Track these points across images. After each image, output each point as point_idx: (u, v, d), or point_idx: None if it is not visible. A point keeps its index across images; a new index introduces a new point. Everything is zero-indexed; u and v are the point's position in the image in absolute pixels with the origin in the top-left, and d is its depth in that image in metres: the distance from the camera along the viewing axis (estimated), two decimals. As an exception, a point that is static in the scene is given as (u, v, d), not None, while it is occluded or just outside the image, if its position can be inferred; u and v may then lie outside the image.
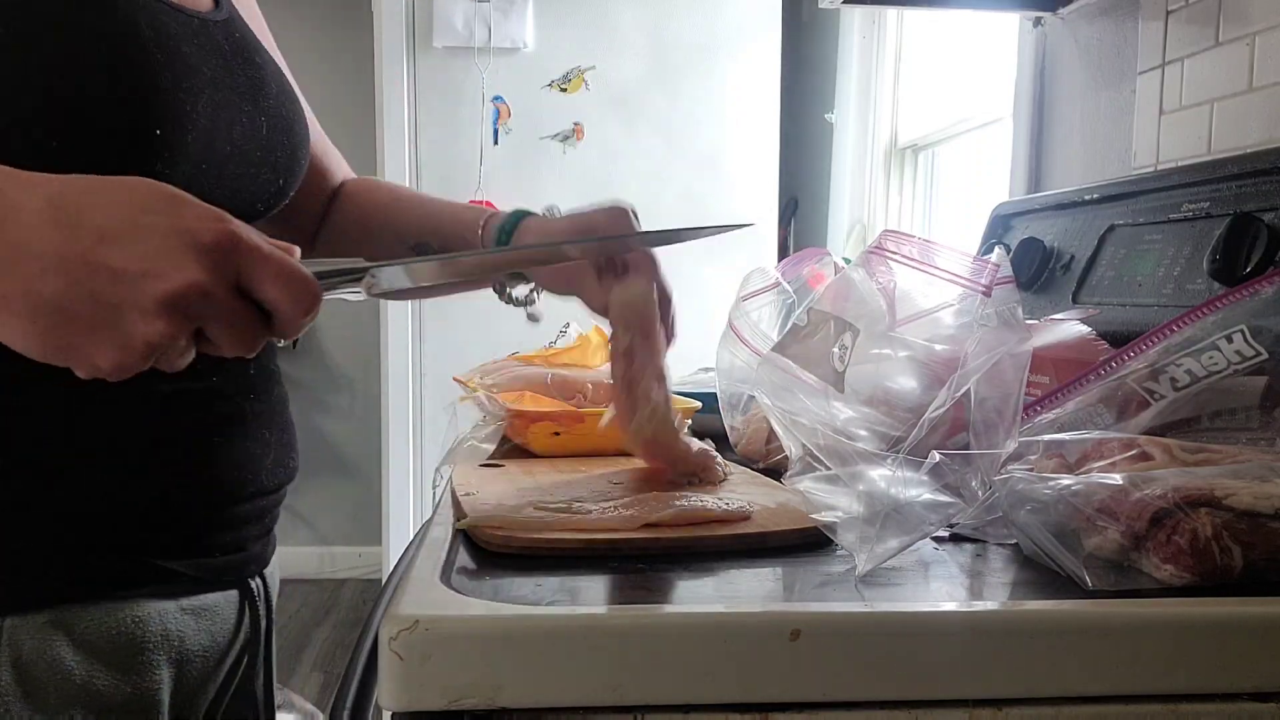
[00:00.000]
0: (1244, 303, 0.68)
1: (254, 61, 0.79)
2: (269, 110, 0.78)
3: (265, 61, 0.81)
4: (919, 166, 2.80)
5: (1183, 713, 0.53)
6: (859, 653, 0.52)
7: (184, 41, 0.70)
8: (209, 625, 0.77)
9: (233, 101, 0.74)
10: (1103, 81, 1.54)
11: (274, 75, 0.82)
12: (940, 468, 0.61)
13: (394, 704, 0.51)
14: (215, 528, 0.75)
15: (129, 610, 0.69)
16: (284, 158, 0.81)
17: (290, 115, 0.82)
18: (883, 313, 0.70)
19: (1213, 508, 0.57)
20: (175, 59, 0.67)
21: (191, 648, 0.75)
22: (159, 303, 0.48)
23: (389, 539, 2.89)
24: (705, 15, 2.85)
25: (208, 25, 0.75)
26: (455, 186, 2.79)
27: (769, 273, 1.10)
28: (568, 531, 0.66)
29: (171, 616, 0.72)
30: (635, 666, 0.51)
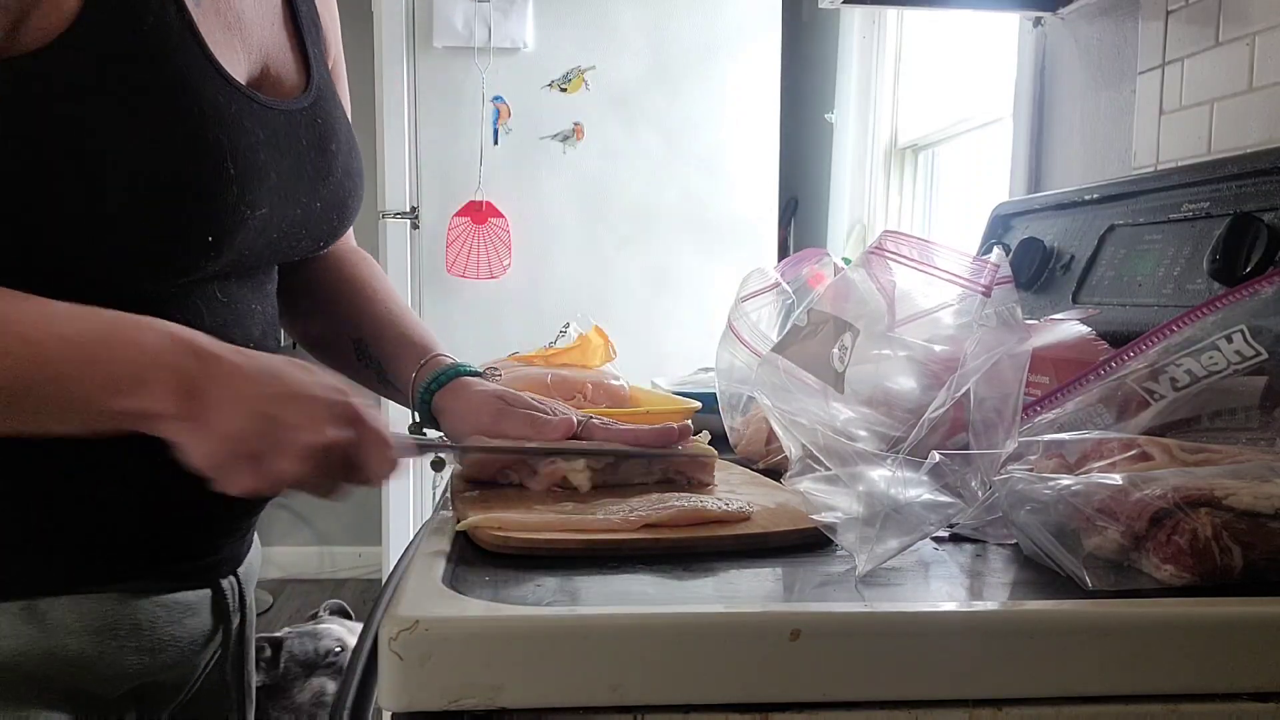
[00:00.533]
0: (1244, 303, 0.68)
1: (328, 150, 0.82)
2: (326, 196, 0.83)
3: (339, 146, 0.84)
4: (919, 166, 2.80)
5: (1183, 713, 0.53)
6: (859, 653, 0.52)
7: (262, 147, 0.74)
8: (181, 618, 0.79)
9: (295, 194, 0.79)
10: (1103, 81, 1.54)
11: (343, 157, 0.85)
12: (940, 468, 0.61)
13: (394, 704, 0.51)
14: (181, 534, 0.78)
15: (99, 603, 0.73)
16: (328, 230, 0.86)
17: (346, 193, 0.86)
18: (883, 313, 0.70)
19: (1213, 508, 0.57)
20: (249, 172, 0.72)
21: (163, 637, 0.77)
22: (304, 450, 0.63)
23: (389, 539, 2.89)
24: (705, 15, 2.84)
25: (293, 117, 0.79)
26: (455, 186, 2.79)
27: (768, 273, 1.10)
28: (568, 532, 0.66)
29: (143, 609, 0.76)
30: (635, 666, 0.51)
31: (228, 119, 0.71)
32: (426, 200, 2.81)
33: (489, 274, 2.79)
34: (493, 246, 2.80)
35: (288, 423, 0.62)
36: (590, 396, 1.14)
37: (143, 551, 0.76)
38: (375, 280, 0.99)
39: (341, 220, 0.87)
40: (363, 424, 0.66)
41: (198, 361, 0.63)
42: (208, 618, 0.82)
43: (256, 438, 0.62)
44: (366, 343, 0.93)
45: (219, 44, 0.73)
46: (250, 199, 0.72)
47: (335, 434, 0.64)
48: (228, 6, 0.76)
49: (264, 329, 0.84)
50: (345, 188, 0.85)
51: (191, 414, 0.62)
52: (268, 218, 0.75)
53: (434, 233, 2.79)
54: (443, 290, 2.80)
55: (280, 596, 4.09)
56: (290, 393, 0.63)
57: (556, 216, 2.83)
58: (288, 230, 0.79)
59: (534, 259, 2.82)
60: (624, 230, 2.85)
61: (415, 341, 0.91)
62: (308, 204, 0.81)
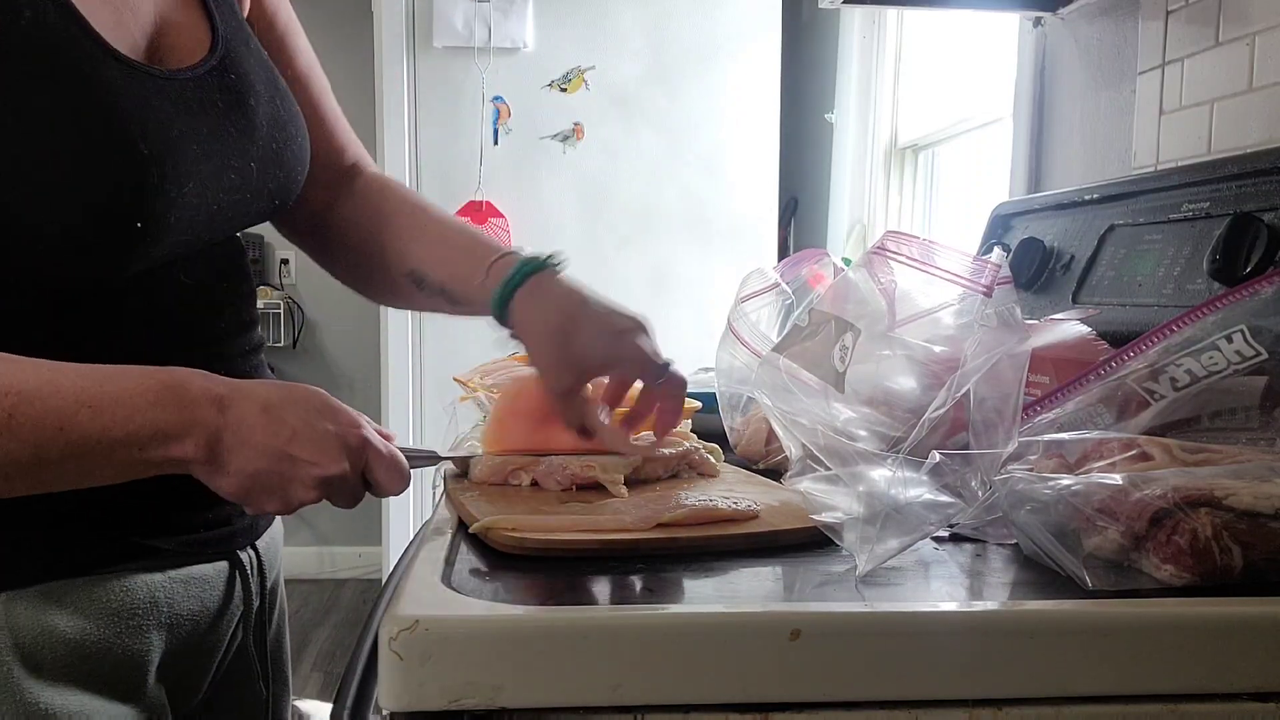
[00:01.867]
0: (1244, 303, 0.68)
1: (246, 106, 0.79)
2: (259, 152, 0.80)
3: (258, 98, 0.81)
4: (919, 166, 2.80)
5: (1183, 713, 0.53)
6: (859, 653, 0.52)
7: (175, 121, 0.73)
8: (199, 592, 0.81)
9: (222, 161, 0.77)
10: (1103, 81, 1.54)
11: (265, 107, 0.81)
12: (940, 468, 0.61)
13: (394, 704, 0.51)
14: (197, 507, 0.80)
15: (117, 582, 0.74)
16: (277, 185, 0.83)
17: (281, 144, 0.82)
18: (883, 313, 0.70)
19: (1213, 508, 0.57)
20: (164, 149, 0.71)
21: (181, 612, 0.79)
22: (316, 482, 0.70)
23: (389, 539, 2.89)
24: (705, 15, 2.84)
25: (201, 81, 0.76)
26: (455, 186, 2.79)
27: (768, 274, 1.10)
28: (582, 532, 0.66)
29: (160, 585, 0.77)
30: (635, 666, 0.51)
31: (130, 100, 0.70)
32: (426, 200, 2.80)
33: (489, 274, 2.78)
34: (493, 246, 2.80)
35: (301, 459, 0.69)
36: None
37: (157, 526, 0.77)
38: (416, 204, 0.95)
39: (287, 173, 0.84)
40: (372, 449, 0.71)
41: (220, 414, 0.68)
42: (225, 591, 0.84)
43: (274, 475, 0.69)
44: (423, 272, 0.89)
45: (106, 23, 0.71)
46: (173, 175, 0.71)
47: (345, 465, 0.70)
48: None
49: (236, 310, 0.84)
50: (277, 139, 0.82)
51: (215, 459, 0.68)
52: (200, 191, 0.74)
53: (434, 233, 2.79)
54: (443, 290, 2.80)
55: (280, 596, 4.09)
56: (302, 434, 0.69)
57: (556, 216, 2.83)
58: (230, 198, 0.78)
59: (534, 259, 2.82)
60: (624, 230, 2.85)
61: (473, 250, 0.87)
62: (241, 166, 0.78)
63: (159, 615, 0.77)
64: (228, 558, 0.84)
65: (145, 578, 0.76)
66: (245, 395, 0.69)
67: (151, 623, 0.76)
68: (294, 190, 0.86)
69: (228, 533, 0.83)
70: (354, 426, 0.71)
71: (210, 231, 0.78)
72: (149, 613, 0.76)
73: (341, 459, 0.70)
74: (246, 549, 0.87)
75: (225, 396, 0.69)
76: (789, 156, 3.04)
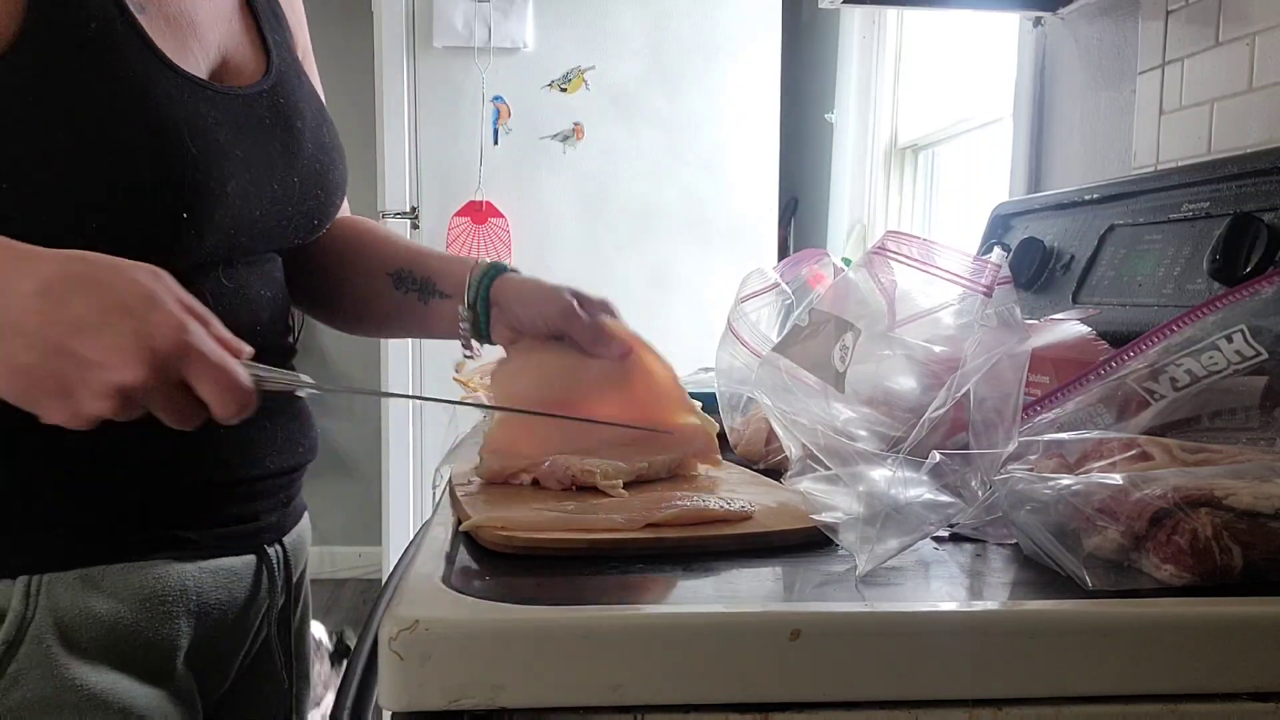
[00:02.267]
0: (1244, 303, 0.68)
1: (293, 128, 0.86)
2: (303, 170, 0.87)
3: (305, 123, 0.88)
4: (919, 166, 2.80)
5: (1183, 713, 0.53)
6: (859, 653, 0.52)
7: (222, 129, 0.78)
8: (227, 583, 0.84)
9: (266, 171, 0.83)
10: (1103, 81, 1.54)
11: (312, 132, 0.88)
12: (940, 468, 0.61)
13: (394, 704, 0.51)
14: (226, 502, 0.83)
15: (150, 569, 0.77)
16: (316, 205, 0.90)
17: (324, 167, 0.89)
18: (883, 313, 0.70)
19: (1213, 508, 0.57)
20: (210, 150, 0.76)
21: (209, 602, 0.82)
22: (106, 389, 0.58)
23: (389, 539, 2.89)
24: (705, 15, 2.85)
25: (250, 101, 0.83)
26: (455, 186, 2.79)
27: (768, 274, 1.10)
28: (571, 531, 0.66)
29: (190, 575, 0.80)
30: (635, 666, 0.51)
31: (181, 105, 0.75)
32: (426, 200, 2.81)
33: (489, 274, 2.79)
34: (493, 246, 2.80)
35: (87, 359, 0.58)
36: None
37: (189, 519, 0.80)
38: (390, 230, 1.05)
39: (327, 194, 0.90)
40: (194, 356, 0.60)
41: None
42: (252, 584, 0.87)
43: (50, 375, 0.58)
44: (407, 269, 0.96)
45: (171, 45, 0.78)
46: (217, 174, 0.76)
47: (146, 373, 0.59)
48: (178, 13, 0.81)
49: (272, 314, 0.88)
50: (320, 161, 0.89)
51: None
52: (241, 193, 0.79)
53: (434, 233, 2.79)
54: (443, 290, 2.80)
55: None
56: (90, 327, 0.58)
57: (556, 216, 2.83)
58: (270, 208, 0.83)
59: (534, 259, 2.82)
60: (624, 230, 2.85)
61: (462, 257, 0.96)
62: (284, 179, 0.84)
63: (189, 603, 0.80)
64: (256, 552, 0.87)
65: (177, 567, 0.79)
66: (18, 267, 0.59)
67: (181, 610, 0.79)
68: (331, 214, 0.92)
69: (255, 528, 0.86)
70: (169, 326, 0.60)
71: (251, 239, 0.83)
72: (179, 600, 0.79)
73: (139, 363, 0.58)
74: (274, 545, 0.89)
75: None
76: (789, 156, 3.04)
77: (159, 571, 0.78)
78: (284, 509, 0.91)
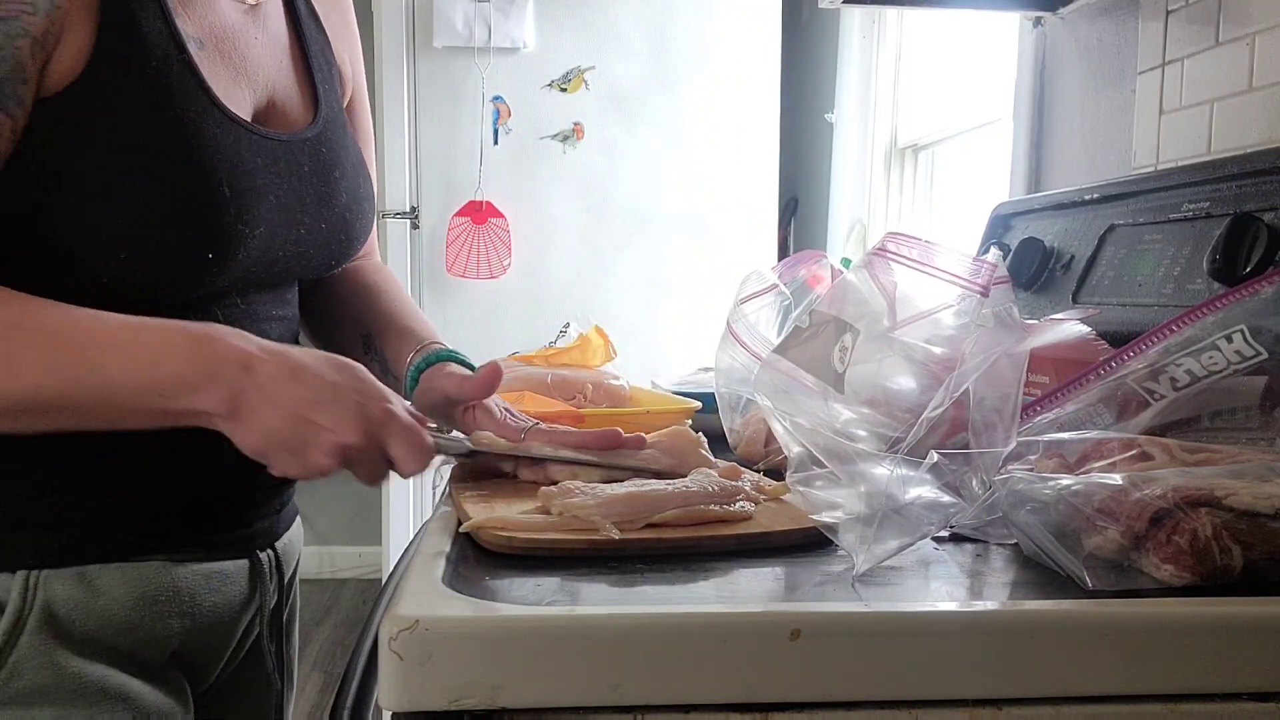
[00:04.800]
0: (1244, 303, 0.68)
1: (330, 177, 0.89)
2: (332, 218, 0.90)
3: (344, 174, 0.91)
4: (919, 166, 2.80)
5: (1183, 713, 0.53)
6: (859, 653, 0.52)
7: (260, 172, 0.82)
8: (220, 586, 0.86)
9: (297, 216, 0.86)
10: (1103, 81, 1.54)
11: (348, 183, 0.92)
12: (940, 467, 0.61)
13: (394, 704, 0.51)
14: (221, 511, 0.86)
15: (144, 570, 0.80)
16: (338, 249, 0.93)
17: (353, 215, 0.93)
18: (882, 314, 0.70)
19: (1213, 508, 0.57)
20: (246, 194, 0.80)
21: (202, 604, 0.84)
22: (333, 449, 0.72)
23: (389, 539, 2.89)
24: (705, 15, 2.84)
25: (295, 146, 0.86)
26: (455, 186, 2.79)
27: (766, 275, 1.10)
28: (570, 532, 0.66)
29: (183, 577, 0.82)
30: (635, 666, 0.51)
31: (224, 148, 0.79)
32: (426, 200, 2.81)
33: (489, 274, 2.79)
34: (493, 246, 2.80)
35: (320, 425, 0.71)
36: (590, 396, 1.14)
37: (184, 523, 0.83)
38: (387, 284, 1.06)
39: (349, 240, 0.93)
40: (395, 424, 0.73)
41: (245, 372, 0.71)
42: (244, 587, 0.89)
43: (293, 437, 0.71)
44: (373, 337, 0.99)
45: (223, 83, 0.81)
46: (248, 219, 0.80)
47: (363, 436, 0.72)
48: (233, 49, 0.84)
49: (281, 334, 0.90)
50: (352, 211, 0.92)
51: (235, 414, 0.71)
52: (268, 236, 0.83)
53: (434, 233, 2.80)
54: (443, 290, 2.80)
55: (280, 596, 4.09)
56: (323, 398, 0.72)
57: (556, 216, 2.83)
58: (293, 249, 0.86)
59: (534, 259, 2.82)
60: (623, 230, 2.85)
61: (414, 332, 0.97)
62: (311, 225, 0.87)
63: (181, 604, 0.82)
64: (248, 556, 0.89)
65: (171, 569, 0.81)
66: (275, 356, 0.73)
67: (174, 610, 0.82)
68: (351, 256, 0.96)
69: (248, 534, 0.89)
70: (380, 400, 0.74)
71: (270, 274, 0.86)
72: (172, 600, 0.81)
73: (359, 430, 0.72)
74: (266, 550, 0.91)
75: (254, 356, 0.72)
76: (789, 156, 3.04)
77: (153, 572, 0.80)
78: (276, 515, 0.93)
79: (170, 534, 0.82)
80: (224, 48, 0.83)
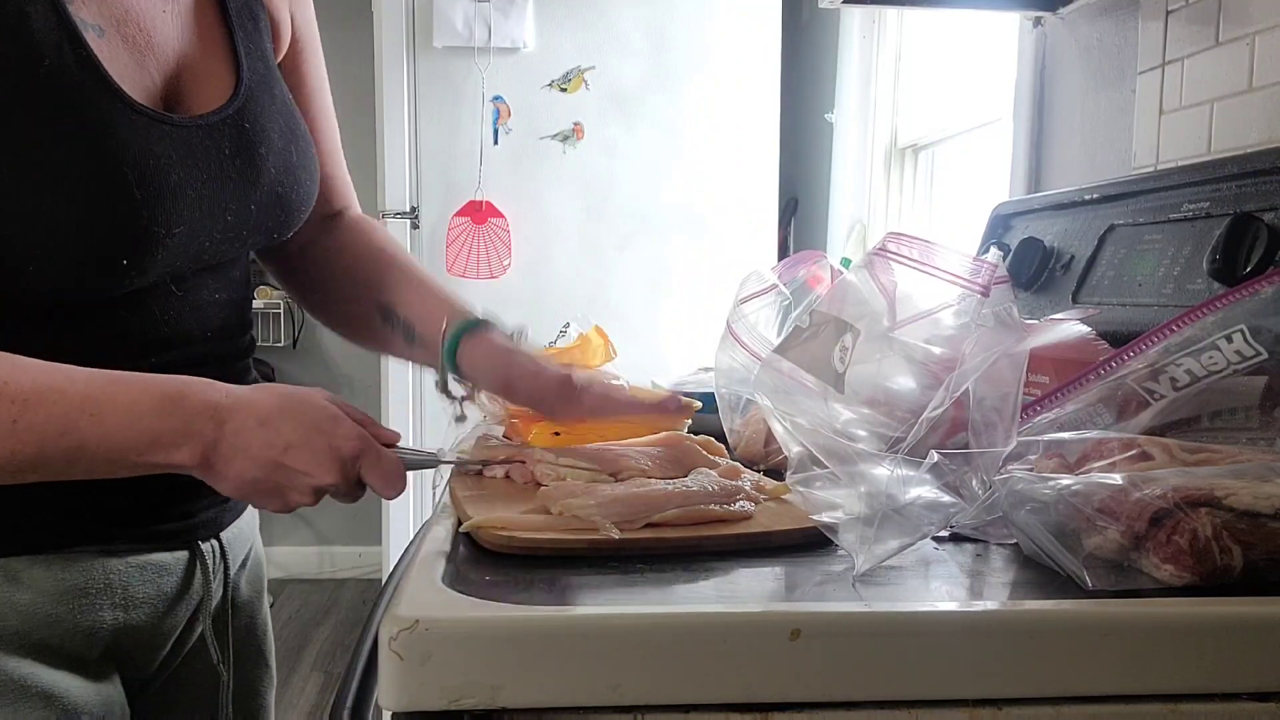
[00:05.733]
0: (1244, 303, 0.68)
1: (255, 155, 0.84)
2: (261, 197, 0.85)
3: (270, 147, 0.85)
4: (919, 166, 2.80)
5: (1183, 713, 0.53)
6: (859, 653, 0.52)
7: (174, 167, 0.77)
8: (155, 578, 0.84)
9: (220, 204, 0.81)
10: (1103, 81, 1.54)
11: (277, 157, 0.86)
12: (940, 467, 0.61)
13: (394, 704, 0.51)
14: (158, 500, 0.83)
15: (73, 563, 0.78)
16: (276, 223, 0.88)
17: (287, 189, 0.87)
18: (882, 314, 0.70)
19: (1213, 508, 0.57)
20: (159, 194, 0.75)
21: (136, 596, 0.82)
22: (309, 490, 0.74)
23: (389, 539, 2.89)
24: (705, 15, 2.84)
25: (212, 129, 0.81)
26: (455, 186, 2.79)
27: (766, 275, 1.10)
28: (570, 532, 0.66)
29: (115, 569, 0.81)
30: (635, 666, 0.51)
31: (133, 146, 0.74)
32: (426, 200, 2.81)
33: (489, 274, 2.79)
34: (493, 246, 2.80)
35: (296, 470, 0.73)
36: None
37: (117, 514, 0.80)
38: (398, 249, 1.03)
39: (288, 213, 0.89)
40: (368, 458, 0.75)
41: (217, 426, 0.72)
42: (184, 579, 0.86)
43: (270, 483, 0.73)
44: (395, 305, 0.96)
45: (127, 71, 0.77)
46: (163, 219, 0.76)
47: (338, 475, 0.73)
48: (138, 30, 0.78)
49: (225, 317, 0.87)
50: (284, 184, 0.87)
51: (211, 467, 0.72)
52: (189, 233, 0.79)
53: (434, 233, 2.79)
54: (443, 290, 2.80)
55: (280, 596, 4.09)
56: (294, 443, 0.72)
57: (556, 216, 2.83)
58: (224, 235, 0.83)
59: (534, 259, 2.82)
60: (624, 230, 2.85)
61: (447, 299, 0.95)
62: (239, 209, 0.83)
63: (113, 596, 0.80)
64: (188, 548, 0.87)
65: (102, 561, 0.80)
66: (244, 406, 0.73)
67: (105, 603, 0.80)
68: (293, 226, 0.91)
69: (189, 525, 0.87)
70: (349, 438, 0.74)
71: (198, 262, 0.82)
72: (102, 593, 0.80)
73: (334, 470, 0.73)
74: (209, 540, 0.89)
75: (224, 408, 0.72)
76: (789, 156, 3.04)
77: (83, 565, 0.79)
78: (221, 505, 0.90)
79: (104, 524, 0.80)
80: (127, 30, 0.77)
